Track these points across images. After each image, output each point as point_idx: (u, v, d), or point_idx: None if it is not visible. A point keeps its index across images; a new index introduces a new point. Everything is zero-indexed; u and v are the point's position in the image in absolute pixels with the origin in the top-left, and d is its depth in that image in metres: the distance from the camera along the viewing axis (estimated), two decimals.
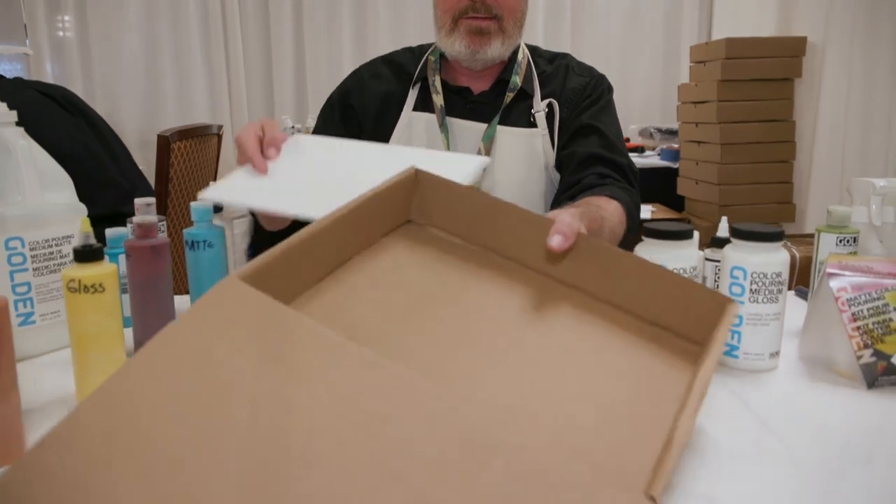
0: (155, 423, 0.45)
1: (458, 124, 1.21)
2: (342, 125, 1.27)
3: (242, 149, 0.92)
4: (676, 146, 3.19)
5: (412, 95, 1.24)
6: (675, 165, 3.14)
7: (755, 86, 2.73)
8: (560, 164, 1.20)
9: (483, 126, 1.20)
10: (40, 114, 0.86)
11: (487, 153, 1.19)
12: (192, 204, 0.93)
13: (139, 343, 0.87)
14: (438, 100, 1.21)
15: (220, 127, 2.42)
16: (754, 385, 0.79)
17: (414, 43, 1.36)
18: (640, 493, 0.42)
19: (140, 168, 1.81)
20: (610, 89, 1.27)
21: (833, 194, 2.75)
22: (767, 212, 2.78)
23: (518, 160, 1.20)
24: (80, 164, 0.91)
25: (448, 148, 1.20)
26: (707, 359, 0.57)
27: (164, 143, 1.95)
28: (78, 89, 3.50)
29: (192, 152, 2.13)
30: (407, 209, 0.76)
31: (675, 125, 3.28)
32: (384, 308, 0.65)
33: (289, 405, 0.46)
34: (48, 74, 3.53)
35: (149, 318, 0.87)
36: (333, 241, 0.65)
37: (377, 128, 1.24)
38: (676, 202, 3.13)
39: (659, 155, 3.30)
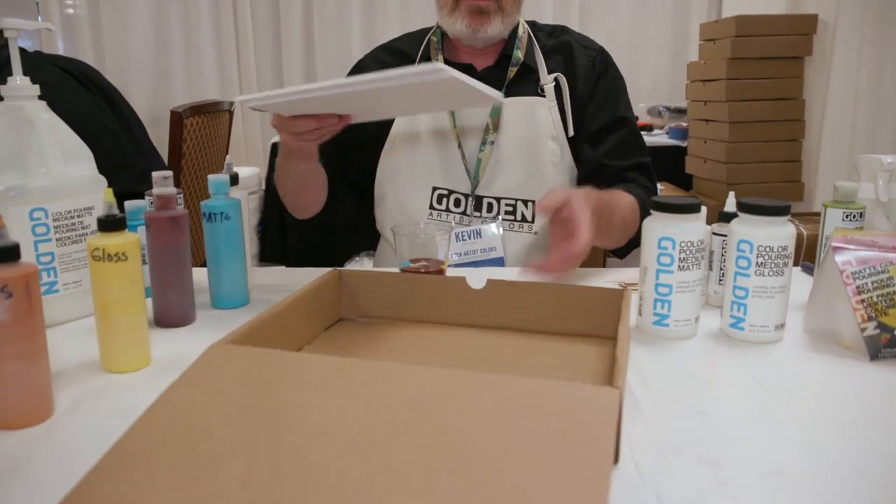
0: (178, 457, 0.49)
1: None
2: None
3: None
4: (685, 125, 3.18)
5: None
6: (684, 144, 3.13)
7: (765, 64, 2.71)
8: (579, 154, 1.24)
9: None
10: (60, 90, 0.87)
11: (495, 128, 1.20)
12: (210, 176, 0.95)
13: (158, 310, 0.89)
14: None
15: (231, 103, 2.43)
16: (760, 356, 0.80)
17: (422, 21, 1.38)
18: (608, 386, 0.52)
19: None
20: (614, 65, 1.30)
21: (842, 173, 2.74)
22: (776, 190, 2.78)
23: (522, 130, 1.22)
24: (98, 144, 0.92)
25: (455, 125, 1.22)
26: (621, 331, 0.67)
27: (178, 119, 1.97)
28: None
29: (204, 128, 2.14)
30: (337, 309, 0.89)
31: (683, 104, 3.26)
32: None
33: (297, 416, 0.53)
34: (60, 51, 3.54)
35: (168, 287, 0.89)
36: (284, 330, 0.76)
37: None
38: (685, 180, 3.13)
39: (667, 133, 3.29)
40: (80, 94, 1.55)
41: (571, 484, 0.43)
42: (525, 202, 1.21)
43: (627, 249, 1.21)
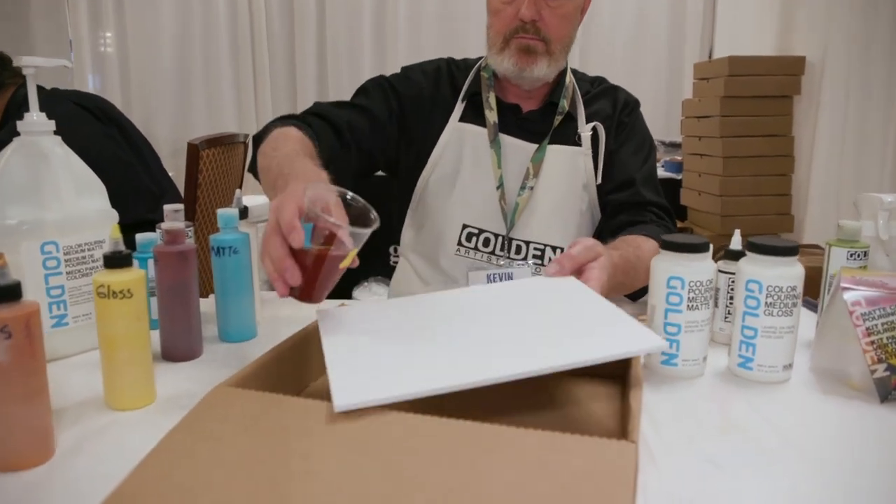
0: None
1: (509, 142, 1.19)
2: (384, 101, 1.21)
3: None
4: (680, 158, 3.14)
5: (459, 108, 1.21)
6: (679, 177, 3.09)
7: (756, 102, 2.68)
8: (604, 191, 1.21)
9: (532, 146, 1.18)
10: (76, 124, 0.84)
11: (535, 174, 1.17)
12: (219, 210, 0.90)
13: (165, 344, 0.85)
14: (492, 116, 1.19)
15: (246, 136, 2.41)
16: (769, 396, 0.75)
17: (430, 56, 1.34)
18: (624, 440, 0.49)
19: (171, 174, 1.81)
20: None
21: (830, 207, 2.69)
22: (767, 223, 2.73)
23: (561, 177, 1.19)
24: (113, 173, 0.89)
25: (499, 165, 1.17)
26: (633, 375, 0.65)
27: (194, 151, 1.93)
28: (117, 100, 3.51)
29: (220, 159, 2.11)
30: None
31: (678, 138, 3.23)
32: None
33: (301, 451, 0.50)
34: (90, 87, 3.57)
35: (175, 320, 0.84)
36: (287, 370, 0.71)
37: (423, 129, 1.21)
38: (679, 212, 3.09)
39: (663, 167, 3.26)
40: (95, 126, 1.55)
41: None
42: (554, 248, 1.17)
43: (641, 294, 1.15)
